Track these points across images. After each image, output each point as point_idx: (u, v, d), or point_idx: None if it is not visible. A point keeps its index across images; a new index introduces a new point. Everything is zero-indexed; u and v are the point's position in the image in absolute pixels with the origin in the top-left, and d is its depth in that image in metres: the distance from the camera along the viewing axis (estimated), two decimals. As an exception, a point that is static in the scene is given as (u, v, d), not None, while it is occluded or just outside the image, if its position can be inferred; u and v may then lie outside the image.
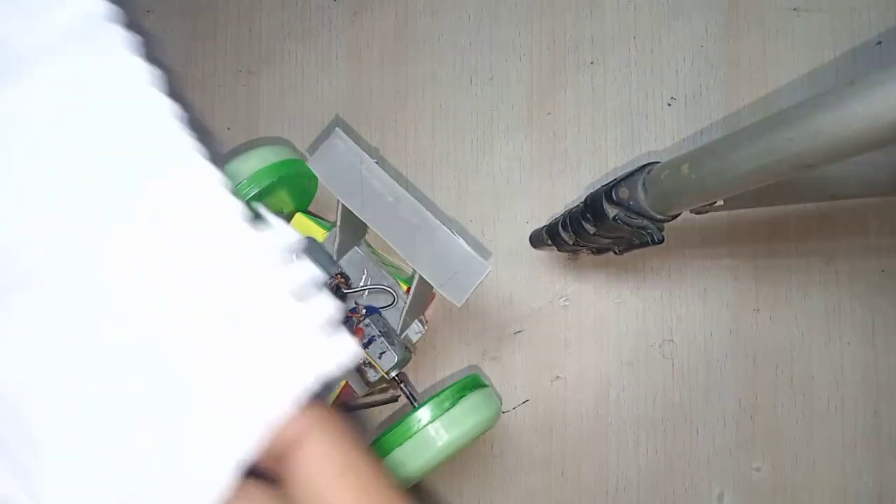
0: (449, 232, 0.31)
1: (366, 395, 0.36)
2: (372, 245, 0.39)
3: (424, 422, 0.32)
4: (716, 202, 0.28)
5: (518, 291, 0.40)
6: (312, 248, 0.34)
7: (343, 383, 0.36)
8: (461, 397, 0.32)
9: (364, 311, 0.35)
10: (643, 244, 0.31)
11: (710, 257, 0.30)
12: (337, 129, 0.32)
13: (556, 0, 0.40)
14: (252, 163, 0.36)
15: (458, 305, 0.30)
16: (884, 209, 0.38)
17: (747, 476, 0.37)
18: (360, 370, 0.34)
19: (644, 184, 0.31)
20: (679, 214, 0.31)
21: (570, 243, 0.34)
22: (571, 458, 0.38)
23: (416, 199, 0.31)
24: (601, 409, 0.38)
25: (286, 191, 0.38)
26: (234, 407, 0.15)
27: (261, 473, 0.14)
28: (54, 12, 0.17)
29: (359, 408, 0.40)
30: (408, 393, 0.36)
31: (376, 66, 0.41)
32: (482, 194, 0.40)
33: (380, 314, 0.35)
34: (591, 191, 0.32)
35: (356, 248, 0.37)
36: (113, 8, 0.17)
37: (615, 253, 0.33)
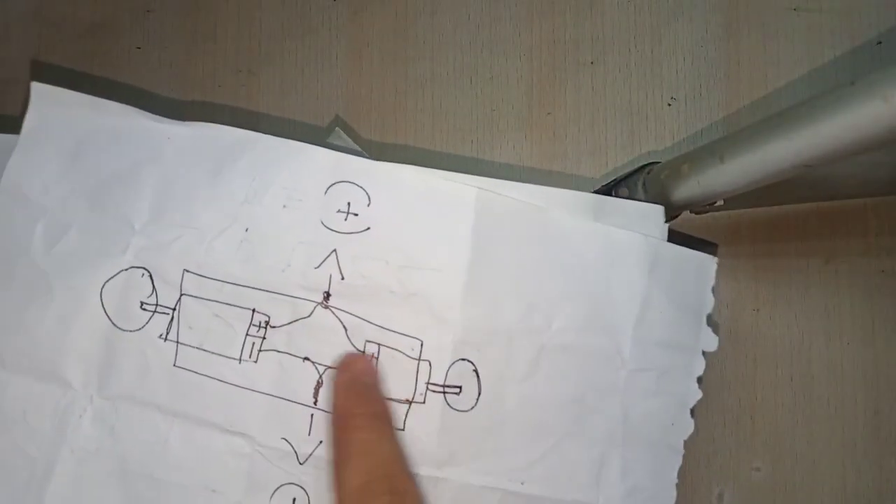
0: None
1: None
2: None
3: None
4: (716, 202, 0.29)
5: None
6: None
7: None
8: None
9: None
10: (643, 244, 0.31)
11: (710, 257, 0.30)
12: (337, 128, 0.32)
13: (556, 0, 0.40)
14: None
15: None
16: (884, 209, 0.38)
17: (747, 476, 0.37)
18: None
19: (644, 184, 0.31)
20: (679, 214, 0.31)
21: (570, 243, 0.34)
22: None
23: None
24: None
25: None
26: None
27: None
28: None
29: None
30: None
31: (376, 65, 0.41)
32: (482, 194, 0.40)
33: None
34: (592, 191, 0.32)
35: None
36: None
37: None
